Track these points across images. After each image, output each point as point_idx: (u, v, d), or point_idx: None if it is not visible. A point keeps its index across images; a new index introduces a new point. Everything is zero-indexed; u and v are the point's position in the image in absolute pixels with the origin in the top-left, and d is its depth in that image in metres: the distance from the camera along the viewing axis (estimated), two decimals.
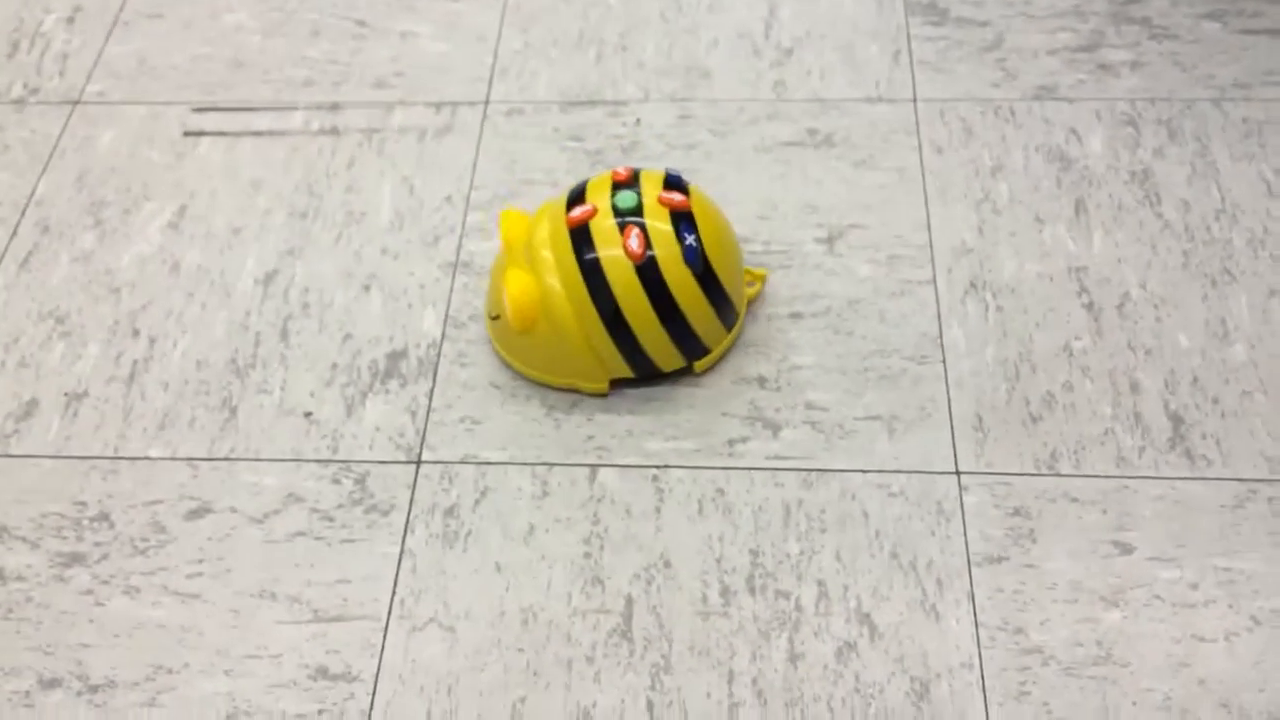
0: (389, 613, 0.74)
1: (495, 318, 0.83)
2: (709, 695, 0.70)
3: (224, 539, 0.77)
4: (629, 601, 0.74)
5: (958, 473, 0.78)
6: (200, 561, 0.76)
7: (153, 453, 0.81)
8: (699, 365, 0.82)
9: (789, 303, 0.87)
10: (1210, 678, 0.69)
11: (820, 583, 0.74)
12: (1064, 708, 0.68)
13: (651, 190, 0.80)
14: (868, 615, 0.73)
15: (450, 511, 0.78)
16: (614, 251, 0.77)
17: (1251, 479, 0.76)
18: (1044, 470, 0.78)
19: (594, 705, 0.70)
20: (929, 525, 0.76)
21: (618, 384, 0.82)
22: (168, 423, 0.82)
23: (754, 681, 0.70)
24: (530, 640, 0.73)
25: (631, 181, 0.80)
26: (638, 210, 0.78)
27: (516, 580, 0.75)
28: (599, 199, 0.80)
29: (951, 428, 0.80)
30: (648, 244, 0.77)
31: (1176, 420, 0.79)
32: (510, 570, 0.75)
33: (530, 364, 0.82)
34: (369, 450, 0.81)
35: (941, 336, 0.84)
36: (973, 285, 0.87)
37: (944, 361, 0.83)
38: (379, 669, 0.72)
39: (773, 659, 0.71)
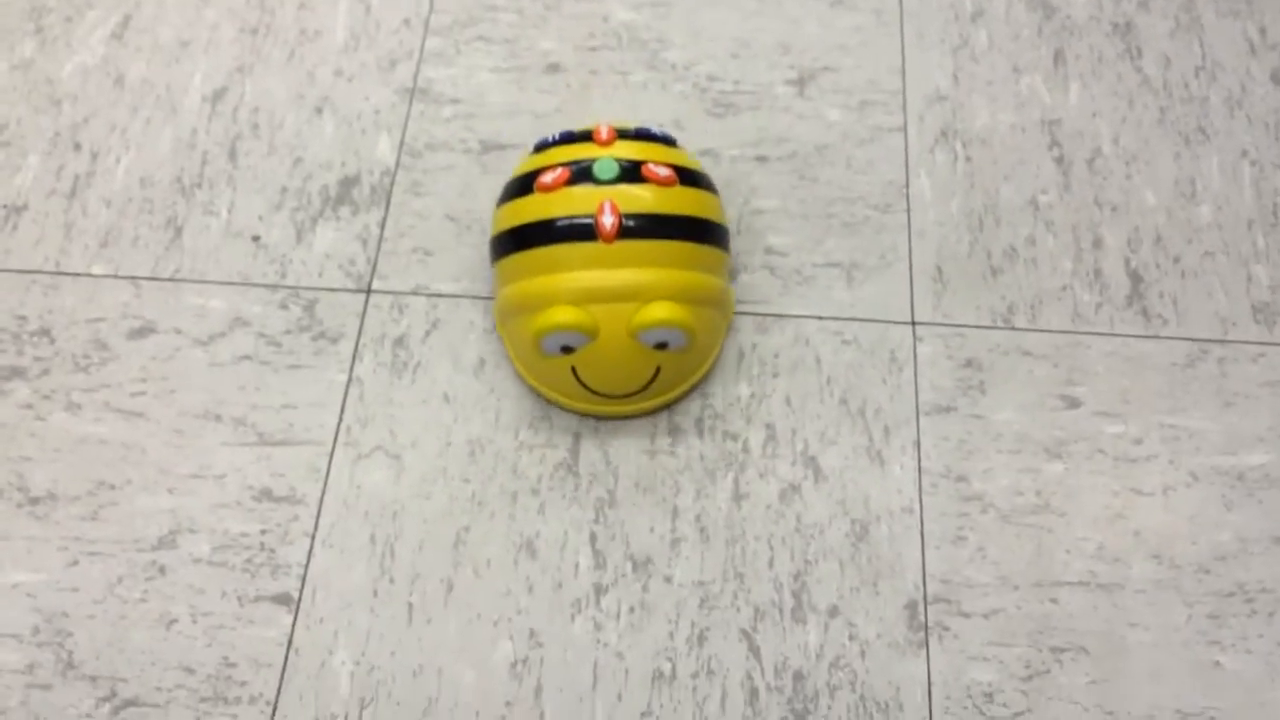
0: (335, 439, 0.73)
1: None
2: (652, 530, 0.71)
3: (168, 359, 0.76)
4: (576, 438, 0.74)
5: (913, 323, 0.77)
6: (143, 381, 0.75)
7: (95, 270, 0.79)
8: None
9: (755, 145, 0.84)
10: (1145, 529, 0.70)
11: (769, 426, 0.74)
12: (998, 552, 0.70)
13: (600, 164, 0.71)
14: (813, 459, 0.73)
15: (400, 342, 0.77)
16: (659, 195, 0.70)
17: (1204, 339, 0.76)
18: (999, 323, 0.77)
19: (537, 535, 0.70)
20: (880, 374, 0.76)
21: None
22: (110, 240, 0.80)
23: (697, 519, 0.71)
24: (476, 471, 0.72)
25: (571, 176, 0.70)
26: (627, 168, 0.70)
27: (465, 413, 0.74)
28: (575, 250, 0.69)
29: (911, 278, 0.79)
30: (666, 168, 0.71)
31: (1136, 278, 0.79)
32: (459, 402, 0.75)
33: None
34: (318, 277, 0.79)
35: (908, 185, 0.83)
36: (943, 134, 0.85)
37: (908, 211, 0.82)
38: (324, 493, 0.72)
39: (717, 498, 0.71)
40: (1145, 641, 0.67)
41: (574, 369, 0.70)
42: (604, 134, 0.72)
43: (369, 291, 0.79)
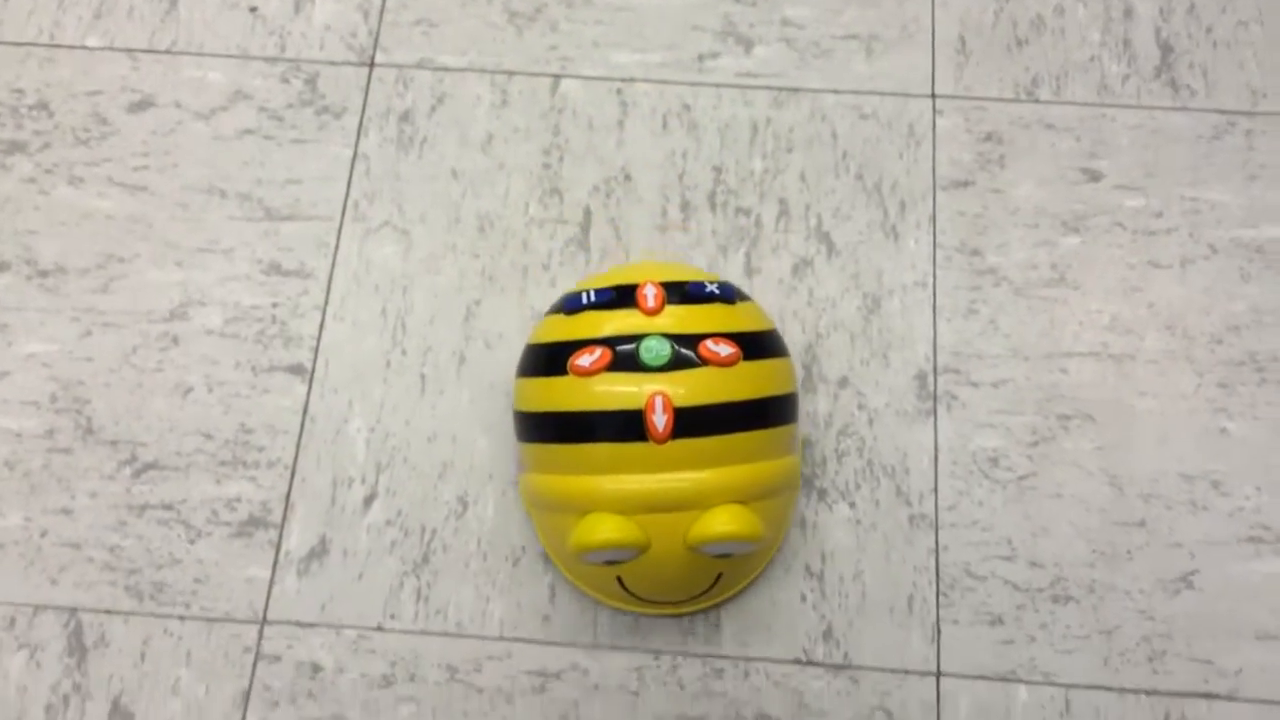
0: (342, 214, 0.72)
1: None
2: None
3: (169, 134, 0.74)
4: (587, 213, 0.73)
5: (933, 96, 0.75)
6: (145, 155, 0.74)
7: (90, 42, 0.77)
8: None
9: None
10: (1159, 301, 0.70)
11: (782, 201, 0.73)
12: (1010, 324, 0.69)
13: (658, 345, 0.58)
14: (827, 234, 0.72)
15: (405, 116, 0.75)
16: (720, 380, 0.58)
17: (1233, 111, 0.74)
18: (1022, 96, 0.75)
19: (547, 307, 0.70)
20: (898, 148, 0.74)
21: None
22: (104, 11, 0.77)
23: None
24: (486, 246, 0.72)
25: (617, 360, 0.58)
26: (680, 349, 0.58)
27: (473, 187, 0.73)
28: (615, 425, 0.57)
29: (933, 50, 0.76)
30: (727, 343, 0.58)
31: (1166, 49, 0.76)
32: (467, 177, 0.73)
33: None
34: (319, 50, 0.77)
35: None
36: None
37: None
38: (333, 267, 0.71)
39: (728, 272, 0.71)
40: (1153, 409, 0.67)
41: (620, 579, 0.60)
42: (650, 300, 0.59)
43: (372, 65, 0.76)
